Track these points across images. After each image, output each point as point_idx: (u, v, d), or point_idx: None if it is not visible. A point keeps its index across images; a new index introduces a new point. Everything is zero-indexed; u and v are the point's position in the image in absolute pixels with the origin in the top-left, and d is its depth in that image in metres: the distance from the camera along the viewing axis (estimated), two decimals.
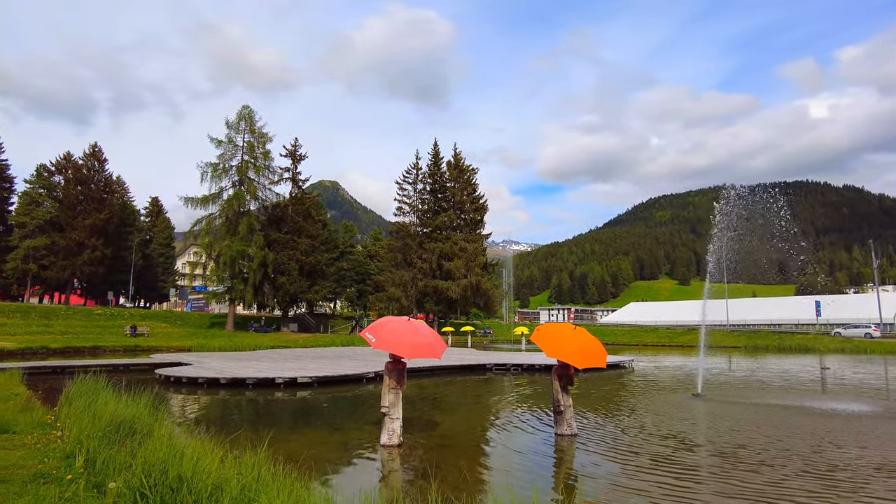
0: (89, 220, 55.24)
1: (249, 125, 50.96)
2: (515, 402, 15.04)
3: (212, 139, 50.06)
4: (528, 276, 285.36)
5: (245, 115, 51.12)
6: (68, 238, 54.07)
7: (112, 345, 30.99)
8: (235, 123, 50.86)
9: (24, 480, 5.35)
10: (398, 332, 8.99)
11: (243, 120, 50.97)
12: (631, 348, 47.41)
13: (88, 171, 59.20)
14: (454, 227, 62.13)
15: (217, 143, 50.10)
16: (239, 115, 51.13)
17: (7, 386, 12.12)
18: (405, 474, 7.84)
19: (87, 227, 55.04)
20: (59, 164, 58.53)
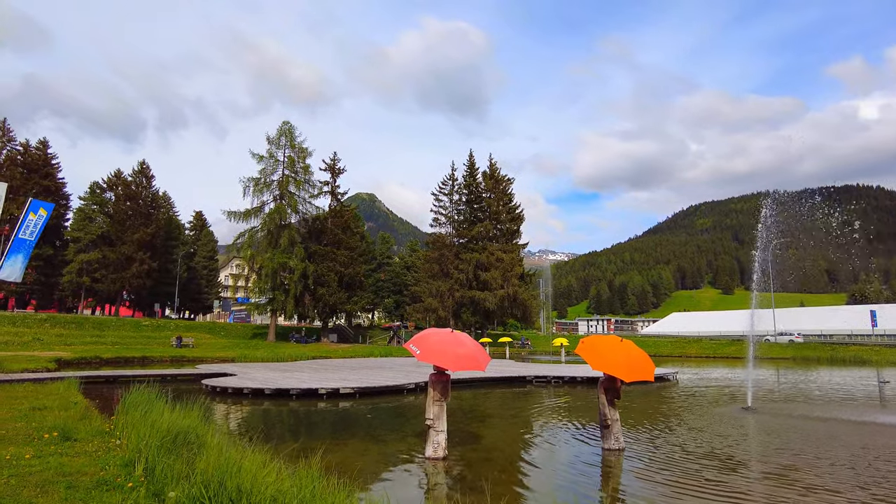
0: (137, 235, 57.35)
1: (290, 140, 52.14)
2: (558, 416, 14.83)
3: (253, 154, 51.43)
4: (565, 285, 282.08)
5: (285, 130, 52.33)
6: (118, 252, 56.24)
7: (159, 355, 31.92)
8: (276, 139, 52.12)
9: (89, 487, 5.57)
10: (443, 345, 9.01)
11: (284, 135, 52.19)
12: (674, 360, 46.23)
13: (137, 187, 61.56)
14: (490, 238, 61.99)
15: (258, 158, 51.41)
16: (279, 130, 52.39)
17: (67, 394, 12.62)
18: (451, 488, 7.81)
19: (136, 241, 57.15)
20: (110, 180, 61.09)
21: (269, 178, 51.45)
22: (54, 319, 42.70)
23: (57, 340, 34.79)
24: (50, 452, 7.02)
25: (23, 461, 6.46)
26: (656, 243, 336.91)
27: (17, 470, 6.07)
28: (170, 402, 9.40)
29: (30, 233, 25.00)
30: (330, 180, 55.28)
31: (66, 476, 5.92)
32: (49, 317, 44.18)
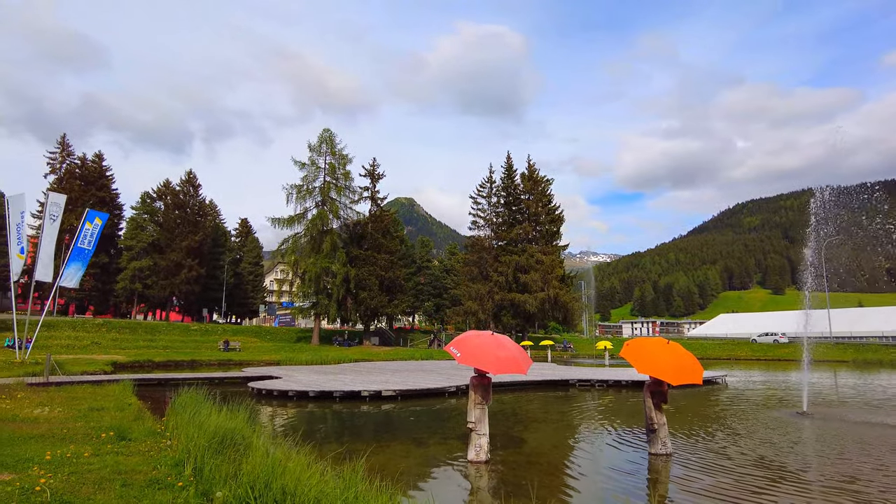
0: (186, 242, 59.33)
1: (330, 147, 53.03)
2: (602, 420, 14.56)
3: (295, 162, 52.53)
4: (608, 287, 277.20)
5: (326, 138, 53.26)
6: (168, 259, 58.30)
7: (207, 359, 32.88)
8: (317, 146, 53.10)
9: (142, 485, 5.76)
10: (483, 347, 8.93)
11: (324, 143, 53.12)
12: (722, 363, 44.80)
13: (185, 196, 63.71)
14: (530, 240, 61.49)
15: (300, 165, 52.49)
16: (320, 138, 53.36)
17: (122, 396, 13.13)
18: (494, 492, 7.75)
19: (184, 248, 59.12)
20: (160, 190, 63.45)
21: (311, 184, 52.46)
22: (110, 324, 44.57)
23: (112, 344, 36.30)
24: (107, 451, 7.31)
25: (82, 459, 6.74)
26: (702, 243, 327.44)
27: (77, 467, 6.34)
28: (217, 404, 9.64)
29: (87, 242, 26.16)
30: (370, 186, 55.96)
31: (122, 474, 6.14)
32: (105, 322, 46.13)
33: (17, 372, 18.75)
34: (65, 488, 5.47)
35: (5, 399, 11.78)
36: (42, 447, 7.37)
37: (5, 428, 8.85)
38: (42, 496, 5.16)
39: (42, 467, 6.24)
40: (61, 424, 9.29)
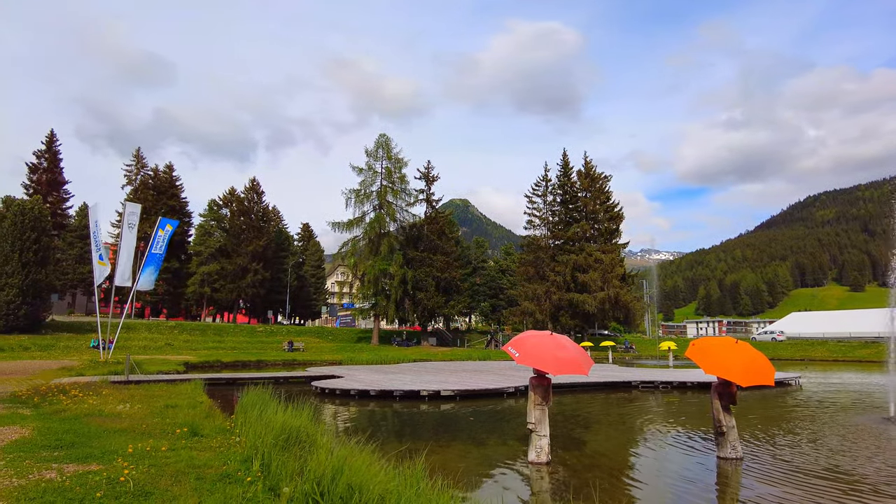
0: (251, 247, 61.68)
1: (387, 152, 53.86)
2: (667, 422, 14.10)
3: (353, 167, 53.70)
4: (671, 286, 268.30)
5: (382, 142, 54.14)
6: (234, 263, 60.79)
7: (273, 359, 34.04)
8: (374, 151, 54.06)
9: (214, 479, 6.03)
10: (542, 347, 8.82)
11: (381, 147, 54.01)
12: (795, 364, 42.48)
13: (249, 202, 66.23)
14: (588, 238, 60.33)
15: (358, 170, 53.60)
16: (377, 143, 54.30)
17: (193, 394, 13.77)
18: (555, 493, 7.65)
19: (249, 252, 61.48)
20: (226, 198, 66.25)
21: (368, 188, 53.46)
22: (182, 326, 46.90)
23: (184, 345, 38.16)
24: (181, 446, 7.70)
25: (160, 453, 7.13)
26: (770, 238, 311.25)
27: (156, 461, 6.71)
28: (282, 402, 9.95)
29: (159, 247, 27.68)
30: (425, 188, 56.53)
31: (195, 468, 6.45)
32: (177, 324, 48.58)
33: (102, 371, 20.04)
34: (145, 479, 5.80)
35: (92, 395, 12.60)
36: (124, 440, 7.84)
37: (93, 422, 9.48)
38: (126, 486, 5.49)
39: (125, 459, 6.64)
40: (140, 420, 9.85)
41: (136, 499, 5.17)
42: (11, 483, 5.64)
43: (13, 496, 5.19)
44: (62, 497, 5.17)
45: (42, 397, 12.23)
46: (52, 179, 57.28)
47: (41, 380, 16.28)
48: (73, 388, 13.58)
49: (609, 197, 61.49)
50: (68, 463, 6.56)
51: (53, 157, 58.05)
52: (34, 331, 34.37)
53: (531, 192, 62.51)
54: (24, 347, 29.26)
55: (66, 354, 28.23)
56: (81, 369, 20.56)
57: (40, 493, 5.26)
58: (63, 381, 15.61)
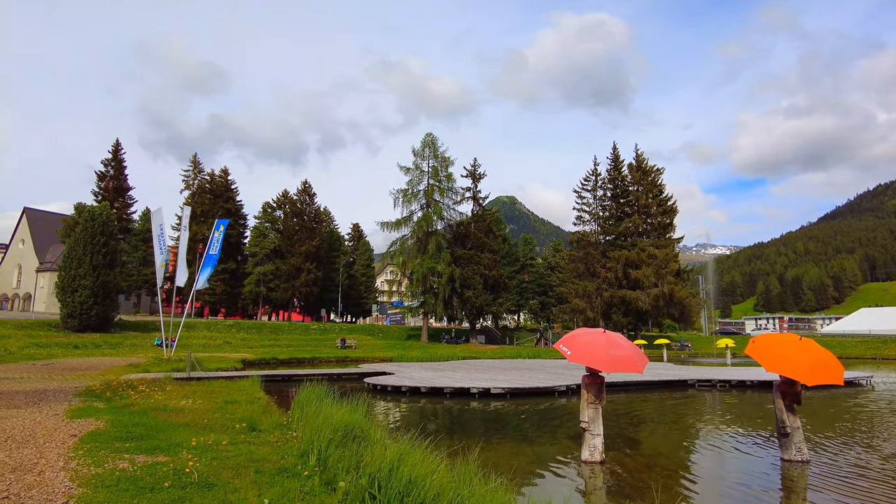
0: (304, 248, 63.22)
1: (433, 151, 54.14)
2: (726, 422, 13.62)
3: (401, 167, 54.26)
4: (728, 282, 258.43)
5: (428, 142, 54.45)
6: (288, 264, 62.46)
7: (326, 356, 34.80)
8: (420, 151, 54.44)
9: (273, 473, 6.23)
10: (595, 345, 8.65)
11: (427, 147, 54.33)
12: (866, 362, 40.23)
13: (301, 204, 67.90)
14: (640, 233, 58.82)
15: (405, 170, 54.10)
16: (423, 142, 54.64)
17: (251, 391, 14.23)
18: (610, 493, 7.52)
19: (303, 253, 63.03)
20: (279, 200, 68.11)
21: (415, 188, 53.91)
22: (239, 325, 48.55)
23: (242, 343, 39.50)
24: (241, 440, 7.98)
25: (221, 447, 7.42)
26: (835, 230, 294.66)
27: (217, 454, 6.98)
28: (336, 398, 10.17)
29: (216, 248, 28.75)
30: (471, 186, 56.43)
31: (255, 462, 6.68)
32: (235, 323, 50.32)
33: (165, 368, 20.99)
34: (208, 471, 6.05)
35: (158, 391, 13.22)
36: (188, 434, 8.19)
37: (159, 416, 9.95)
38: (191, 477, 5.75)
39: (189, 452, 6.94)
40: (202, 415, 10.27)
41: (200, 490, 5.39)
42: (90, 471, 6.01)
43: (91, 483, 5.53)
44: (134, 485, 5.46)
45: (113, 392, 12.92)
46: (118, 186, 60.31)
47: (112, 375, 17.21)
48: (141, 384, 14.29)
49: (662, 190, 59.77)
50: (138, 454, 6.91)
51: (119, 164, 61.11)
52: (104, 329, 36.31)
53: (580, 187, 61.44)
54: (95, 345, 30.96)
55: (133, 352, 29.72)
56: (147, 366, 21.61)
57: (115, 482, 5.58)
58: (131, 377, 16.45)
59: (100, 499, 5.04)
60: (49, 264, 61.08)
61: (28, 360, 23.43)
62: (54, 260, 56.72)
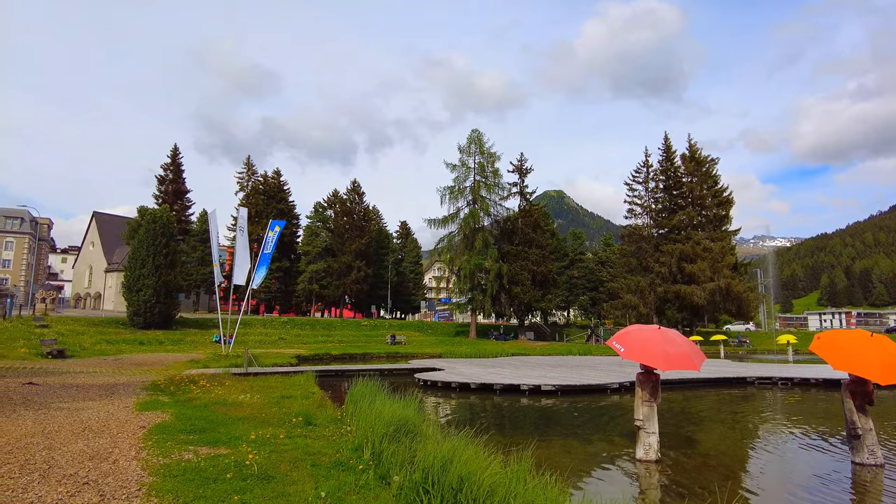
0: (354, 246, 64.34)
1: (479, 147, 53.98)
2: (789, 422, 13.06)
3: (447, 164, 54.34)
4: (788, 275, 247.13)
5: (474, 138, 54.32)
6: (339, 262, 63.71)
7: (377, 352, 35.33)
8: (466, 147, 54.37)
9: (328, 466, 6.39)
10: (650, 342, 8.44)
11: (473, 143, 54.21)
12: None
13: (351, 203, 69.07)
14: (694, 226, 56.92)
15: (452, 167, 54.16)
16: (469, 139, 54.54)
17: (306, 386, 14.61)
18: (666, 492, 7.34)
19: (353, 251, 64.15)
20: (329, 199, 69.55)
21: (462, 184, 53.90)
22: (293, 322, 49.88)
23: (296, 339, 40.56)
24: (297, 434, 8.22)
25: (278, 440, 7.66)
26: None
27: (275, 447, 7.22)
28: (388, 394, 10.31)
29: (271, 248, 29.63)
30: (518, 181, 55.99)
31: (311, 455, 6.87)
32: (289, 319, 51.73)
33: (224, 363, 21.81)
34: (267, 464, 6.26)
35: (217, 387, 13.75)
36: (247, 428, 8.50)
37: (219, 409, 10.35)
38: (251, 469, 5.97)
39: (249, 445, 7.21)
40: (260, 409, 10.62)
41: (260, 482, 5.59)
42: (158, 461, 6.34)
43: (160, 473, 5.83)
44: (199, 476, 5.71)
45: (176, 386, 13.52)
46: (176, 189, 62.93)
47: (174, 371, 18.01)
48: (202, 379, 14.89)
49: (717, 181, 57.63)
50: (201, 446, 7.22)
51: (177, 168, 63.76)
52: (166, 326, 38.01)
53: (631, 180, 59.88)
54: (159, 342, 32.46)
55: (193, 348, 30.98)
56: (206, 362, 22.50)
57: (181, 472, 5.85)
58: (192, 373, 17.16)
59: (168, 487, 5.30)
60: (116, 265, 64.37)
61: (100, 355, 24.81)
62: (120, 261, 59.70)
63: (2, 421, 8.52)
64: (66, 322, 33.82)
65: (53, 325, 31.35)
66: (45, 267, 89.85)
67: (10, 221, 79.49)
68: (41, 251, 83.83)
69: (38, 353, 22.12)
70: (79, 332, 31.11)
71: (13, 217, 79.85)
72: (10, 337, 24.85)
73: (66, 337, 27.68)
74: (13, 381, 13.76)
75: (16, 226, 79.72)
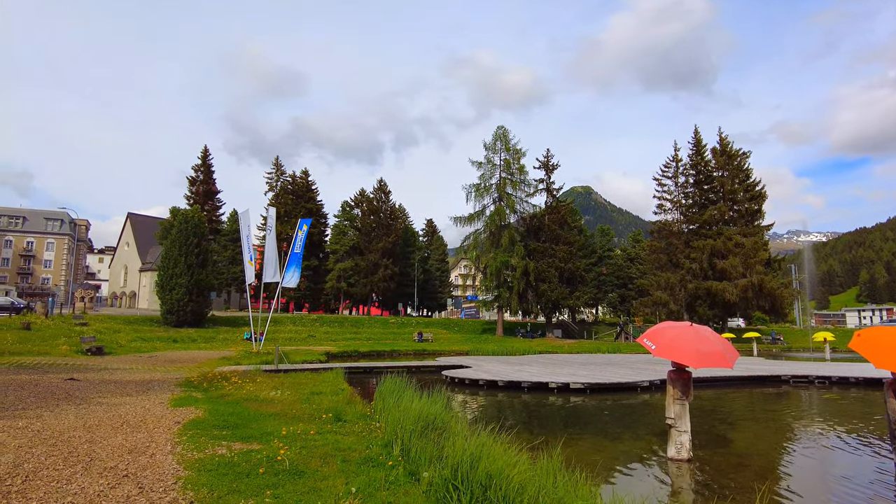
0: (380, 244, 64.77)
1: (504, 144, 53.73)
2: (827, 422, 12.70)
3: (472, 162, 54.23)
4: (824, 271, 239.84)
5: (500, 135, 54.09)
6: (366, 260, 64.23)
7: (404, 349, 35.54)
8: (492, 144, 54.19)
9: (358, 462, 6.45)
10: (682, 339, 8.30)
11: (499, 140, 53.99)
12: None
13: (377, 202, 69.51)
14: (726, 221, 55.78)
15: (477, 164, 54.04)
16: (494, 135, 54.37)
17: (335, 382, 14.77)
18: (699, 492, 7.21)
19: (379, 249, 64.59)
20: (356, 198, 70.10)
21: (487, 182, 53.74)
22: (322, 319, 50.47)
23: (325, 337, 41.04)
24: (327, 430, 8.31)
25: (309, 436, 7.76)
26: None
27: (306, 443, 7.31)
28: (416, 390, 10.35)
29: (299, 246, 30.01)
30: (544, 177, 55.58)
31: (341, 451, 6.94)
32: (318, 317, 52.36)
33: (255, 360, 22.19)
34: (298, 459, 6.35)
35: (249, 383, 14.00)
36: (278, 424, 8.63)
37: (251, 406, 10.54)
38: (282, 465, 6.06)
39: (280, 440, 7.31)
40: (290, 405, 10.78)
41: (291, 477, 5.68)
42: (193, 456, 6.48)
43: (195, 467, 5.96)
44: (232, 471, 5.83)
45: (209, 383, 13.81)
46: (207, 190, 64.24)
47: (207, 368, 18.40)
48: (233, 376, 15.18)
49: (749, 175, 56.34)
50: (234, 441, 7.36)
51: (207, 170, 65.07)
52: (199, 324, 38.83)
53: (660, 175, 58.92)
54: (191, 339, 33.19)
55: (225, 345, 31.60)
56: (238, 359, 22.92)
57: (215, 466, 5.98)
58: (224, 370, 17.51)
59: (203, 481, 5.42)
60: (150, 265, 66.04)
61: (135, 352, 25.49)
62: (154, 260, 61.25)
63: (47, 415, 8.83)
64: (103, 320, 34.81)
65: (92, 323, 32.30)
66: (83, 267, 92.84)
67: (51, 223, 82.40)
68: (79, 252, 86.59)
69: (79, 349, 22.83)
70: (115, 329, 32.00)
71: (53, 219, 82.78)
72: (53, 334, 25.68)
73: (103, 335, 28.48)
74: (56, 376, 14.23)
75: (56, 227, 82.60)
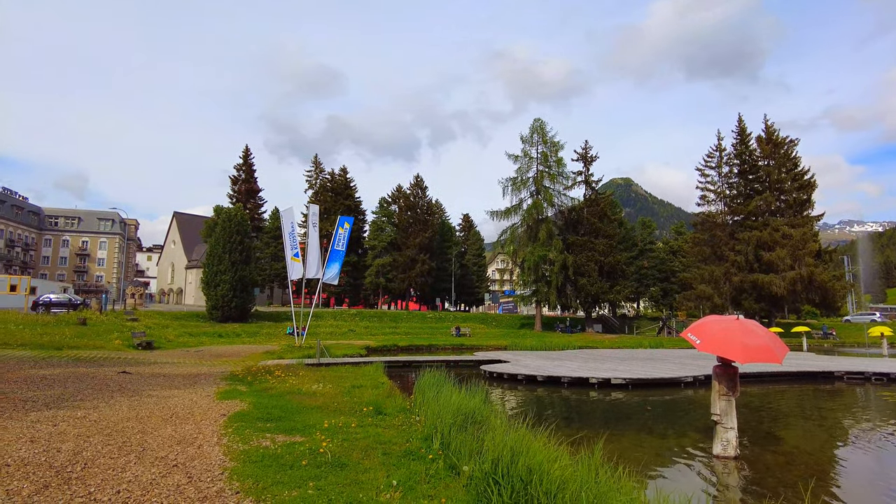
0: (418, 240, 65.10)
1: (542, 136, 53.13)
2: (884, 421, 12.15)
3: (509, 156, 53.82)
4: (881, 262, 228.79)
5: (536, 127, 53.49)
6: (404, 255, 64.68)
7: (442, 343, 35.69)
8: (529, 137, 53.66)
9: (399, 455, 6.51)
10: (728, 333, 8.05)
11: (535, 133, 53.40)
12: None
13: (414, 198, 69.82)
14: (773, 212, 53.81)
15: (514, 158, 53.61)
16: (531, 128, 53.75)
17: (375, 376, 14.95)
18: (747, 491, 7.01)
19: (417, 245, 64.93)
20: (394, 195, 70.59)
21: (524, 175, 53.27)
22: (362, 314, 51.10)
23: (364, 331, 41.58)
24: (368, 423, 8.42)
25: (350, 429, 7.88)
26: None
27: (347, 436, 7.43)
28: (455, 384, 10.37)
29: (341, 244, 30.48)
30: (583, 170, 54.73)
31: (381, 444, 7.02)
32: (358, 312, 53.04)
33: (297, 354, 22.66)
34: (340, 452, 6.46)
35: (291, 377, 14.31)
36: (320, 416, 8.79)
37: (294, 399, 10.76)
38: (325, 457, 6.17)
39: (322, 433, 7.45)
40: (332, 398, 10.96)
41: (333, 469, 5.77)
42: (238, 447, 6.67)
43: (241, 458, 6.14)
44: (276, 462, 5.97)
45: (253, 376, 14.17)
46: (249, 189, 65.74)
47: (251, 362, 18.88)
48: (277, 370, 15.54)
49: (797, 164, 54.18)
50: (278, 433, 7.54)
51: (249, 169, 66.56)
52: (243, 319, 39.88)
53: (703, 165, 57.26)
54: (236, 334, 34.11)
55: (268, 340, 32.35)
56: (281, 353, 23.45)
57: (259, 458, 6.14)
58: (268, 363, 17.93)
59: (248, 472, 5.57)
60: (195, 262, 68.08)
61: (182, 347, 26.36)
62: (199, 258, 63.07)
63: (102, 406, 9.23)
64: (152, 316, 36.12)
65: (142, 318, 33.56)
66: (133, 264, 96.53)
67: (104, 223, 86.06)
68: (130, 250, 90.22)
69: (130, 344, 23.76)
70: (164, 325, 33.15)
71: (105, 219, 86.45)
72: (107, 329, 26.78)
73: (152, 330, 29.56)
74: (110, 370, 14.84)
75: (108, 227, 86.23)
